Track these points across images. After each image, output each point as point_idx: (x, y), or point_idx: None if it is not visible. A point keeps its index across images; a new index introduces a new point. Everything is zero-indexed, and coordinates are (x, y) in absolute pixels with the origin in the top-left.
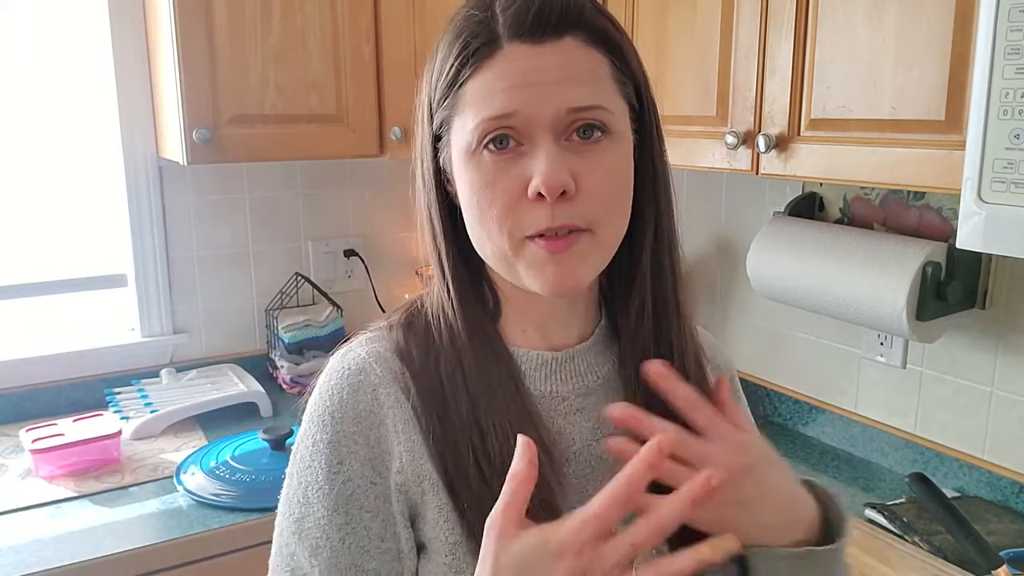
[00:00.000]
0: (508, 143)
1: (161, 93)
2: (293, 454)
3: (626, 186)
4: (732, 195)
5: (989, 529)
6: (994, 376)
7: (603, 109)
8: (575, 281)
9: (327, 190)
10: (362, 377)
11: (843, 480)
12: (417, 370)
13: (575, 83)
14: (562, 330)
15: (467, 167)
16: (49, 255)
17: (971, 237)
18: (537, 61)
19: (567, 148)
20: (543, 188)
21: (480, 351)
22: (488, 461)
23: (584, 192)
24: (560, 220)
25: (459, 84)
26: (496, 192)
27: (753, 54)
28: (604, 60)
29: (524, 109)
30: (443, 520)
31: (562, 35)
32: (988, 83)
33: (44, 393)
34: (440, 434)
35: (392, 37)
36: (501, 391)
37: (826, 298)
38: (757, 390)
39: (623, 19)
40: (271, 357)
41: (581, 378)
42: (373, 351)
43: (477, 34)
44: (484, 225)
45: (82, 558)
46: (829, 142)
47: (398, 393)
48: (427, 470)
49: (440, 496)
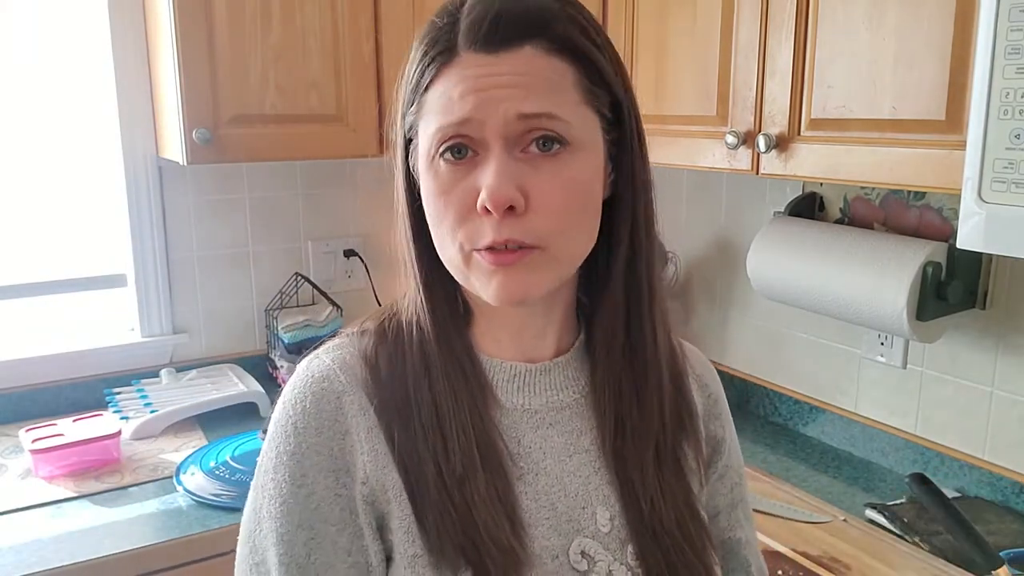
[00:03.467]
0: (465, 152)
1: (161, 93)
2: (258, 467)
3: (585, 200)
4: (732, 195)
5: (989, 529)
6: (994, 376)
7: (555, 118)
8: (523, 293)
9: (327, 190)
10: (326, 385)
11: (843, 480)
12: (383, 377)
13: (527, 90)
14: (537, 342)
15: (427, 174)
16: (49, 255)
17: (971, 237)
18: (490, 69)
19: (522, 160)
20: (488, 203)
21: (447, 357)
22: (448, 468)
23: (535, 208)
24: (505, 235)
25: (422, 90)
26: (449, 201)
27: (753, 54)
28: (568, 69)
29: (476, 115)
30: (404, 531)
31: (520, 44)
32: (988, 83)
33: (44, 393)
34: (403, 442)
35: (392, 37)
36: (467, 399)
37: (826, 298)
38: (757, 390)
39: (623, 20)
40: (271, 357)
41: (556, 392)
42: (338, 358)
43: (437, 41)
44: (439, 234)
45: (82, 558)
46: (829, 142)
47: (363, 400)
48: (392, 479)
49: (403, 507)
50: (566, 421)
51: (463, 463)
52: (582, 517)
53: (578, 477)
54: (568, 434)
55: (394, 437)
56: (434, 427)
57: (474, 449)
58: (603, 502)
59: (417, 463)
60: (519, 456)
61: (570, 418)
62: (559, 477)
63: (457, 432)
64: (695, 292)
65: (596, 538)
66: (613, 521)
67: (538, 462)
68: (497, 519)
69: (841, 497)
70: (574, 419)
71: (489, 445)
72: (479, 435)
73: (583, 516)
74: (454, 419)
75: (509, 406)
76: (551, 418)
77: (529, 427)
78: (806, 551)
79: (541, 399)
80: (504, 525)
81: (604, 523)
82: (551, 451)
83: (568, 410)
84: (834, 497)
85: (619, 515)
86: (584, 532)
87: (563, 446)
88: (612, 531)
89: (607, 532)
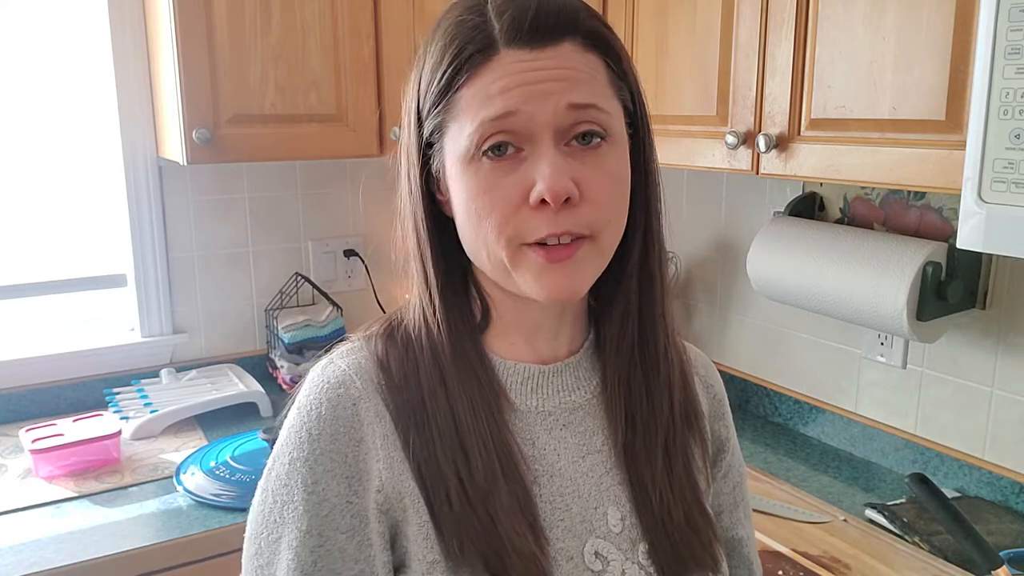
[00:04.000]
0: (507, 149)
1: (161, 93)
2: (268, 470)
3: (625, 191)
4: (732, 195)
5: (989, 529)
6: (994, 376)
7: (601, 109)
8: (574, 288)
9: (327, 190)
10: (342, 391)
11: (843, 480)
12: (397, 383)
13: (574, 82)
14: (550, 342)
15: (464, 173)
16: (49, 255)
17: (971, 237)
18: (534, 64)
19: (568, 154)
20: (548, 195)
21: (462, 366)
22: (472, 482)
23: (587, 199)
24: (563, 227)
25: (454, 90)
26: (495, 198)
27: (753, 54)
28: (600, 64)
29: (524, 107)
30: (423, 538)
31: (560, 40)
32: (988, 83)
33: (44, 393)
34: (420, 449)
35: (392, 37)
36: (484, 408)
37: (826, 298)
38: (757, 390)
39: (623, 19)
40: (271, 357)
41: (568, 393)
42: (354, 363)
43: (472, 39)
44: (481, 232)
45: (82, 558)
46: (829, 142)
47: (379, 407)
48: (408, 487)
49: (421, 514)
50: (579, 422)
51: (485, 475)
52: (595, 518)
53: (591, 478)
54: (581, 435)
55: (411, 444)
56: (453, 438)
57: (495, 460)
58: (615, 502)
59: (436, 472)
60: (534, 459)
61: (583, 418)
62: (572, 478)
63: (478, 444)
64: (695, 292)
65: (608, 538)
66: (624, 521)
67: (552, 464)
68: (520, 528)
69: (841, 497)
70: (587, 419)
71: (508, 454)
72: (498, 445)
73: (595, 517)
74: (474, 430)
75: (523, 408)
76: (564, 419)
77: (543, 429)
78: (806, 551)
79: (554, 400)
80: (527, 534)
81: (615, 523)
82: (565, 452)
83: (581, 410)
84: (834, 497)
85: (630, 514)
86: (597, 533)
87: (576, 447)
88: (624, 531)
89: (619, 532)
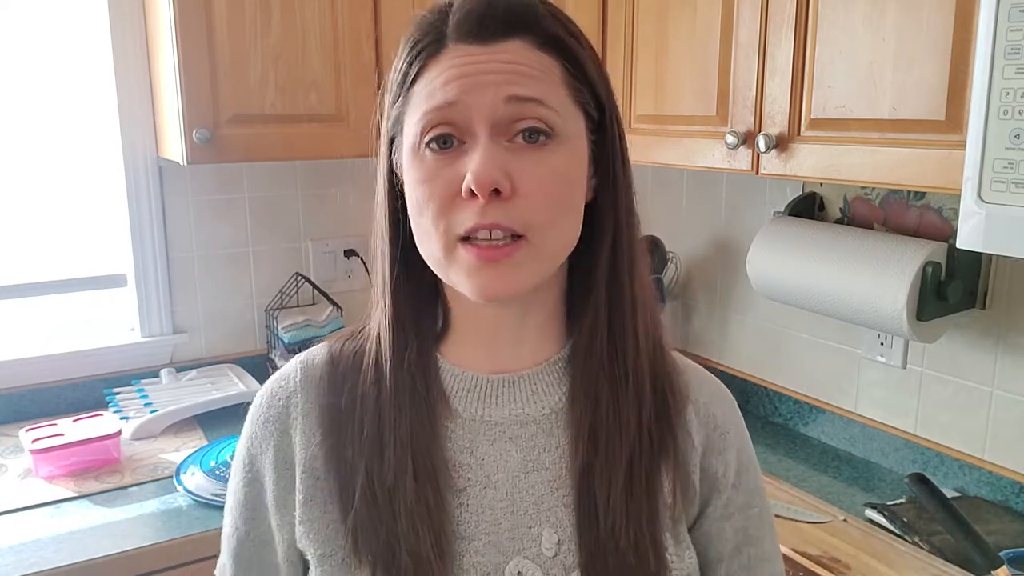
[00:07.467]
0: (451, 143)
1: (161, 93)
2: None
3: (572, 193)
4: (732, 195)
5: (989, 529)
6: (994, 376)
7: (547, 106)
8: (507, 289)
9: (327, 190)
10: (282, 384)
11: (843, 480)
12: (336, 382)
13: (518, 75)
14: (513, 351)
15: (410, 166)
16: (49, 255)
17: (971, 237)
18: (478, 57)
19: (509, 149)
20: (473, 184)
21: (400, 370)
22: (380, 479)
23: (521, 194)
24: (491, 219)
25: (409, 83)
26: (434, 189)
27: (753, 54)
28: (556, 64)
29: (463, 98)
30: (324, 529)
31: (508, 36)
32: (988, 83)
33: (44, 393)
34: (338, 446)
35: (392, 37)
36: (412, 412)
37: (826, 298)
38: (757, 390)
39: (623, 20)
40: (271, 357)
41: (522, 405)
42: (308, 357)
43: (426, 34)
44: (422, 225)
45: (82, 558)
46: (829, 142)
47: (309, 403)
48: (323, 481)
49: (328, 507)
50: (530, 436)
51: (395, 471)
52: (526, 537)
53: (531, 495)
54: (529, 450)
55: (333, 440)
56: (374, 437)
57: (408, 459)
58: (553, 524)
59: (349, 468)
60: (468, 467)
61: (535, 434)
62: (509, 493)
63: (395, 443)
64: (695, 292)
65: (537, 561)
66: (560, 546)
67: (489, 475)
68: (420, 531)
69: (841, 497)
70: (539, 435)
71: (426, 455)
72: (417, 445)
73: (527, 536)
74: (394, 429)
75: (466, 416)
76: (513, 432)
77: (486, 439)
78: (806, 551)
79: (503, 411)
80: (427, 537)
81: (549, 546)
82: (505, 466)
83: (534, 425)
84: (834, 497)
85: (569, 540)
86: (525, 553)
87: (520, 462)
88: (557, 556)
89: (551, 556)
